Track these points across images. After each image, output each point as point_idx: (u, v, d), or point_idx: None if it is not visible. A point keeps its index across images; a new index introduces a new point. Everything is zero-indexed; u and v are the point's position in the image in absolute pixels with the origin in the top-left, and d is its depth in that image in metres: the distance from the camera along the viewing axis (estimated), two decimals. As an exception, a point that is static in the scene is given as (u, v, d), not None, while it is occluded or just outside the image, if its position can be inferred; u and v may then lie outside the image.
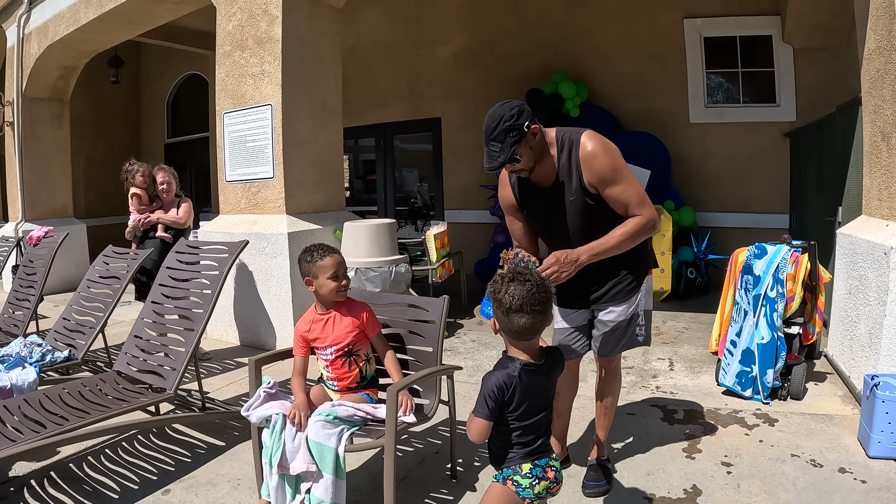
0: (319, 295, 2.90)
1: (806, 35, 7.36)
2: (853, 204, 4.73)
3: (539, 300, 1.94)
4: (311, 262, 2.86)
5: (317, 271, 2.85)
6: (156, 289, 4.27)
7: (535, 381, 2.01)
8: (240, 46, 5.83)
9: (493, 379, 1.97)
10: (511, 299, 1.94)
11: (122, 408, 3.25)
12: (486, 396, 1.95)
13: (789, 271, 3.91)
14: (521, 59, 8.80)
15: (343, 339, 2.87)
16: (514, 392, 1.96)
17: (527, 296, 1.93)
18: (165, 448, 3.54)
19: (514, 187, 2.82)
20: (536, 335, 2.01)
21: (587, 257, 2.53)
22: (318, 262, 2.84)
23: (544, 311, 1.97)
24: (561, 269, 2.47)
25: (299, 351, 2.93)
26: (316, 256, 2.86)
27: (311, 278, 2.87)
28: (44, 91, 9.27)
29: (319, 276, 2.85)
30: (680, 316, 6.41)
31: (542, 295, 1.96)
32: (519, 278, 1.98)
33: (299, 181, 5.73)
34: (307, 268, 2.87)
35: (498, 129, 2.47)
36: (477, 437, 1.98)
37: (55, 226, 8.78)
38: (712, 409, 3.85)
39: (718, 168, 7.92)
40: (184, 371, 3.61)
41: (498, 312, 2.00)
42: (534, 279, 1.98)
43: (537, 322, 1.96)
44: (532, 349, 2.02)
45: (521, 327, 1.96)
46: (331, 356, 2.88)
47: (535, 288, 1.95)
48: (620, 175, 2.57)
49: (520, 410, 1.98)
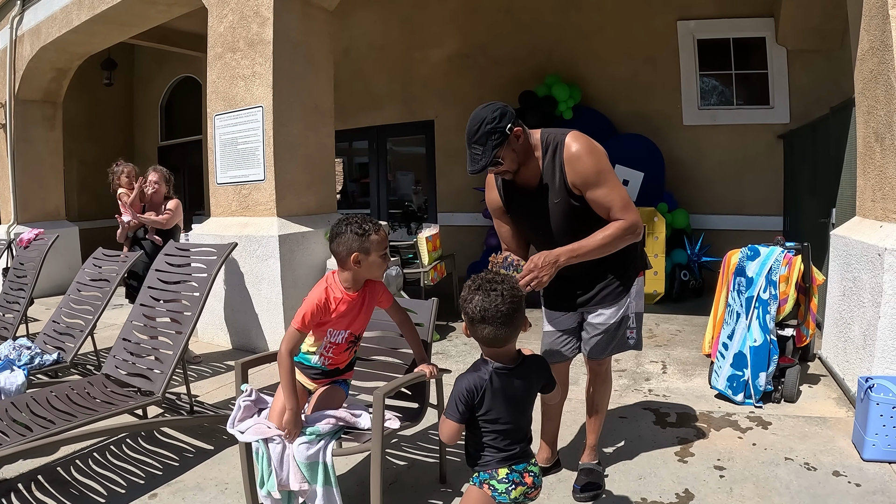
0: (360, 274, 2.57)
1: (799, 37, 7.35)
2: (847, 205, 4.72)
3: (503, 313, 1.93)
4: (364, 236, 2.50)
5: (370, 247, 2.52)
6: (144, 291, 4.22)
7: (508, 384, 2.00)
8: (231, 48, 5.80)
9: (463, 382, 1.98)
10: (475, 310, 1.95)
11: (110, 411, 3.22)
12: (457, 399, 1.96)
13: (782, 273, 3.88)
14: (515, 62, 8.78)
15: (363, 325, 2.73)
16: (485, 395, 1.96)
17: (490, 308, 1.93)
18: (154, 452, 3.51)
19: (500, 189, 2.80)
20: (505, 344, 2.00)
21: (566, 258, 2.49)
22: (373, 237, 2.52)
23: (509, 323, 1.95)
24: (540, 273, 2.43)
25: (307, 327, 2.54)
26: (370, 230, 2.52)
27: (360, 254, 2.50)
28: (36, 93, 9.23)
29: (372, 253, 2.53)
30: (673, 318, 6.38)
31: (509, 307, 1.94)
32: (486, 288, 1.96)
33: (290, 183, 5.69)
34: (359, 242, 2.50)
35: (480, 132, 2.45)
36: (448, 439, 2.00)
37: (47, 228, 8.72)
38: (705, 413, 3.82)
39: (712, 170, 7.91)
40: (171, 374, 3.56)
41: (466, 319, 2.01)
42: (501, 289, 1.95)
43: (501, 333, 1.95)
44: (505, 354, 2.03)
45: (486, 337, 1.97)
46: (341, 341, 2.67)
47: (500, 299, 1.93)
48: (604, 178, 2.53)
49: (492, 414, 1.98)
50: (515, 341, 2.04)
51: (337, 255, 2.55)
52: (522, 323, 2.02)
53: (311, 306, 2.52)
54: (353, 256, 2.50)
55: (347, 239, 2.50)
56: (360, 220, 2.53)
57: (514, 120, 2.48)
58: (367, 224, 2.53)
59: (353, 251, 2.50)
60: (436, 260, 6.33)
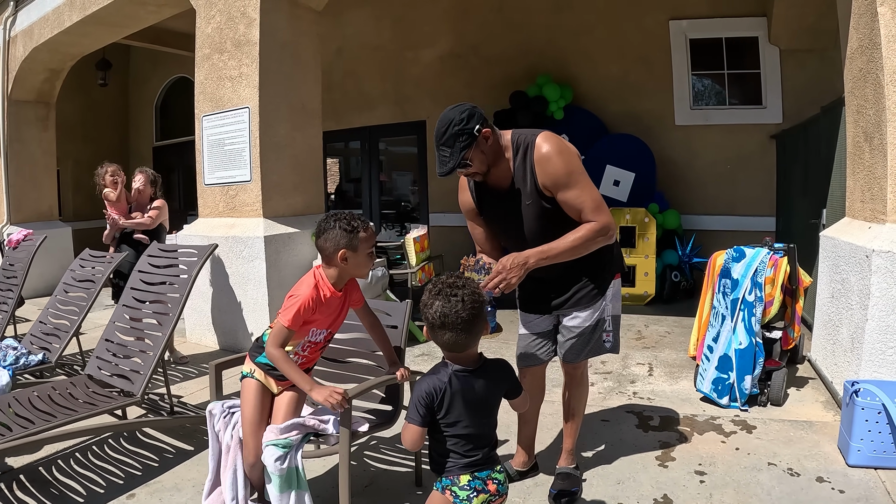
0: (346, 271, 2.51)
1: (792, 37, 7.31)
2: (837, 206, 4.67)
3: (463, 319, 1.89)
4: (353, 233, 2.43)
5: (358, 244, 2.45)
6: (127, 292, 4.23)
7: (468, 386, 1.97)
8: (218, 49, 5.76)
9: (423, 384, 1.96)
10: (435, 316, 1.92)
11: (89, 412, 3.21)
12: (417, 402, 1.94)
13: (768, 275, 3.84)
14: (507, 62, 8.74)
15: (340, 324, 2.68)
16: (444, 397, 1.94)
17: (449, 314, 1.90)
18: (134, 452, 3.50)
19: (473, 191, 2.76)
20: (465, 349, 1.97)
21: (535, 260, 2.44)
22: (361, 234, 2.45)
23: (469, 329, 1.92)
24: (508, 275, 2.40)
25: (297, 324, 2.44)
26: (359, 226, 2.45)
27: (348, 251, 2.43)
28: (30, 94, 9.20)
29: (360, 250, 2.46)
30: (663, 320, 6.34)
31: (469, 312, 1.90)
32: (446, 293, 1.93)
33: (277, 184, 5.66)
34: (347, 238, 2.42)
35: (447, 133, 2.42)
36: (411, 444, 1.97)
37: (41, 229, 8.73)
38: (689, 416, 3.77)
39: (704, 170, 7.87)
40: (150, 375, 3.55)
41: (426, 324, 1.98)
42: (462, 294, 1.92)
43: (461, 338, 1.93)
44: (466, 358, 2.00)
45: (446, 342, 1.94)
46: (320, 340, 2.62)
47: (461, 305, 1.90)
48: (575, 179, 2.48)
49: (452, 417, 1.95)
50: (477, 346, 2.01)
51: (323, 251, 2.48)
52: (484, 328, 2.00)
53: (302, 302, 2.44)
54: (341, 253, 2.44)
55: (335, 235, 2.43)
56: (349, 217, 2.47)
57: (482, 121, 2.45)
58: (355, 220, 2.46)
59: (340, 247, 2.43)
60: (423, 261, 6.29)
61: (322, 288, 2.50)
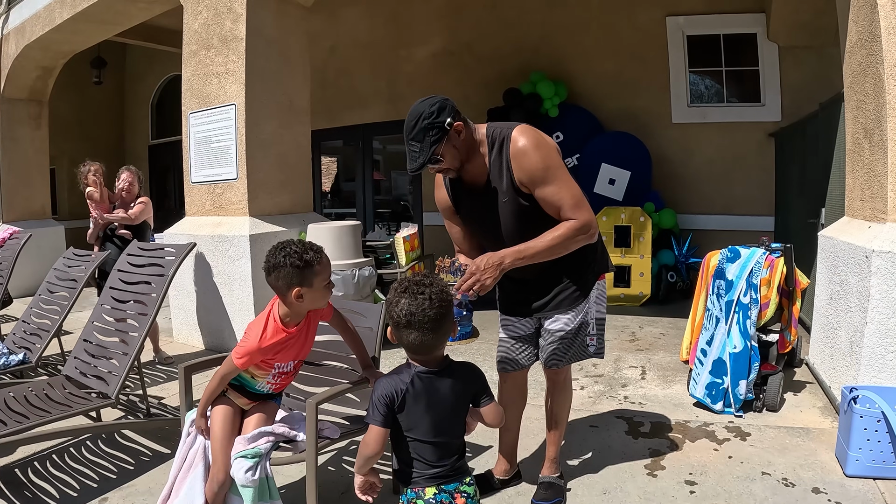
0: (301, 307, 2.30)
1: (791, 33, 7.20)
2: (836, 205, 4.57)
3: (430, 318, 1.82)
4: (305, 268, 2.22)
5: (312, 278, 2.24)
6: (106, 291, 4.17)
7: (431, 388, 1.89)
8: (205, 45, 5.66)
9: (382, 385, 1.89)
10: (400, 314, 1.84)
11: (63, 413, 3.14)
12: (376, 402, 1.87)
13: (764, 276, 3.70)
14: (500, 60, 8.63)
15: (309, 348, 2.52)
16: (405, 399, 1.86)
17: (416, 312, 1.82)
18: (111, 454, 3.44)
19: (448, 189, 2.64)
20: (432, 351, 1.90)
21: (511, 260, 2.32)
22: (315, 268, 2.24)
23: (437, 328, 1.84)
24: (482, 276, 2.27)
25: (246, 364, 2.33)
26: (312, 259, 2.23)
27: (302, 288, 2.22)
28: (22, 92, 9.11)
29: (315, 284, 2.26)
30: (658, 321, 6.21)
31: (436, 311, 1.83)
32: (412, 290, 1.85)
33: (263, 182, 5.55)
34: (300, 276, 2.21)
35: (417, 127, 2.29)
36: (372, 448, 1.88)
37: (33, 227, 8.71)
38: (681, 422, 3.64)
39: (701, 169, 7.76)
40: (125, 377, 3.48)
41: (391, 324, 1.90)
42: (429, 293, 1.84)
43: (428, 339, 1.85)
44: (431, 361, 1.93)
45: (412, 343, 1.85)
46: (290, 370, 2.49)
47: (428, 303, 1.82)
48: (553, 175, 2.35)
49: (414, 420, 1.87)
50: (443, 348, 1.93)
51: (276, 289, 2.28)
52: (452, 328, 1.91)
53: (247, 351, 2.30)
54: (295, 291, 2.23)
55: (287, 273, 2.21)
56: (299, 249, 2.23)
57: (453, 114, 2.32)
58: (307, 253, 2.24)
59: (293, 286, 2.23)
60: (413, 260, 6.17)
61: (270, 334, 2.32)
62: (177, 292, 5.82)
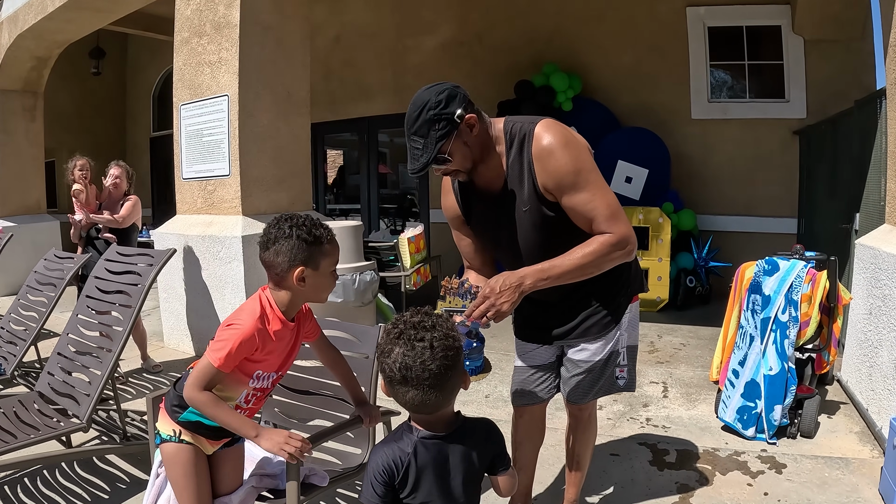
0: (303, 295, 1.94)
1: (817, 26, 6.86)
2: (873, 210, 4.27)
3: (431, 373, 1.43)
4: (315, 244, 1.88)
5: (321, 258, 1.90)
6: (82, 301, 3.83)
7: (440, 458, 1.52)
8: (197, 32, 5.34)
9: (379, 456, 1.51)
10: (393, 367, 1.45)
11: (31, 439, 2.85)
12: (372, 478, 1.49)
13: (805, 291, 3.35)
14: (512, 50, 8.30)
15: (291, 363, 2.10)
16: (408, 473, 1.49)
17: (414, 365, 1.43)
18: (86, 480, 3.20)
19: (458, 194, 2.26)
20: (437, 410, 1.51)
21: (533, 281, 1.94)
22: (325, 246, 1.90)
23: (441, 385, 1.45)
24: (498, 300, 1.90)
25: (229, 365, 1.85)
26: (323, 236, 1.89)
27: (308, 269, 1.87)
28: (16, 83, 8.83)
29: (322, 266, 1.91)
30: (677, 329, 5.87)
31: (439, 363, 1.44)
32: (409, 336, 1.45)
33: (258, 179, 5.22)
34: (307, 252, 1.87)
35: (420, 119, 1.91)
36: None
37: (27, 223, 8.63)
38: (710, 450, 3.31)
39: (722, 168, 7.41)
40: (97, 399, 3.14)
41: (383, 377, 1.52)
42: (431, 339, 1.44)
43: (430, 398, 1.45)
44: (437, 421, 1.54)
45: (410, 402, 1.48)
46: (268, 385, 2.03)
47: (429, 353, 1.43)
48: (585, 179, 1.96)
49: (420, 498, 1.50)
50: (452, 404, 1.55)
51: (272, 267, 1.89)
52: (462, 381, 1.54)
53: (242, 336, 1.83)
54: (298, 271, 1.86)
55: (292, 246, 1.85)
56: (309, 222, 1.89)
57: (465, 104, 1.94)
58: (317, 228, 1.89)
59: (297, 263, 1.86)
60: (419, 262, 5.86)
61: (270, 318, 1.91)
62: (167, 295, 5.52)
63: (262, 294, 1.95)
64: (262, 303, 1.92)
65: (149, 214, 12.27)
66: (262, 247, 1.90)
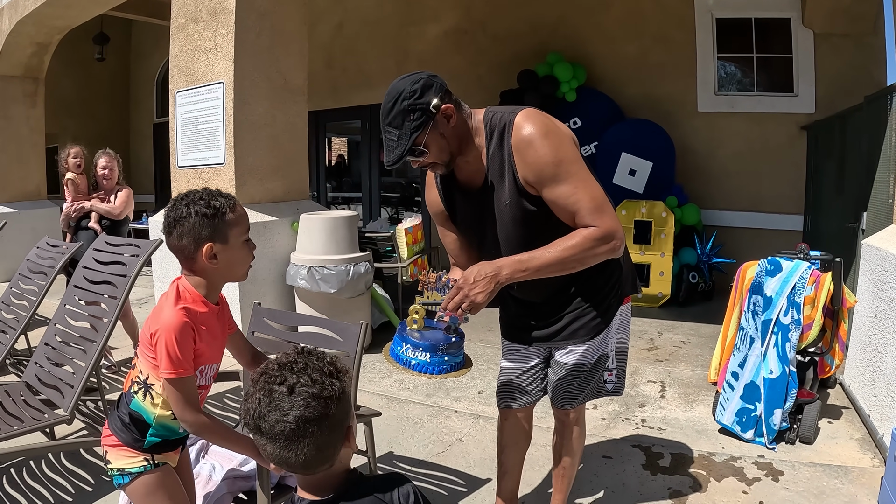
0: (218, 273, 1.80)
1: (828, 19, 6.70)
2: (881, 209, 4.16)
3: (288, 425, 1.17)
4: (217, 216, 1.74)
5: (227, 230, 1.76)
6: (70, 290, 3.77)
7: None
8: (194, 18, 5.23)
9: None
10: (247, 414, 1.22)
11: (15, 430, 2.81)
12: None
13: (808, 294, 3.24)
14: (516, 39, 8.16)
15: (222, 353, 1.93)
16: None
17: (266, 415, 1.18)
18: (72, 472, 3.18)
19: (440, 188, 2.17)
20: (308, 470, 1.25)
21: (510, 272, 1.84)
22: (229, 216, 1.76)
23: (301, 441, 1.18)
24: (472, 290, 1.82)
25: (187, 367, 1.71)
26: (223, 206, 1.76)
27: (217, 243, 1.74)
28: (17, 69, 8.75)
29: (231, 238, 1.77)
30: (678, 326, 5.77)
31: (298, 413, 1.17)
32: (269, 378, 1.22)
33: (253, 168, 5.13)
34: (209, 226, 1.73)
35: (394, 109, 1.82)
36: None
37: (27, 209, 8.58)
38: (705, 455, 3.22)
39: (727, 162, 7.27)
40: (80, 391, 3.09)
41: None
42: (295, 382, 1.19)
43: (292, 455, 1.19)
44: (320, 482, 1.28)
45: (270, 457, 1.23)
46: (209, 381, 1.89)
47: (287, 401, 1.18)
48: (566, 171, 1.86)
49: None
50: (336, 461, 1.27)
51: (180, 252, 1.76)
52: (343, 437, 1.26)
53: (171, 335, 1.68)
54: (206, 249, 1.73)
55: (193, 224, 1.71)
56: (207, 195, 1.76)
57: (442, 94, 1.85)
58: (216, 199, 1.76)
59: (202, 241, 1.73)
60: (416, 254, 5.78)
61: (191, 304, 1.76)
62: (161, 283, 5.46)
63: (178, 283, 1.80)
64: (178, 291, 1.78)
65: (151, 201, 12.22)
66: (165, 234, 1.77)
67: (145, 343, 1.75)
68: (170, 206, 1.77)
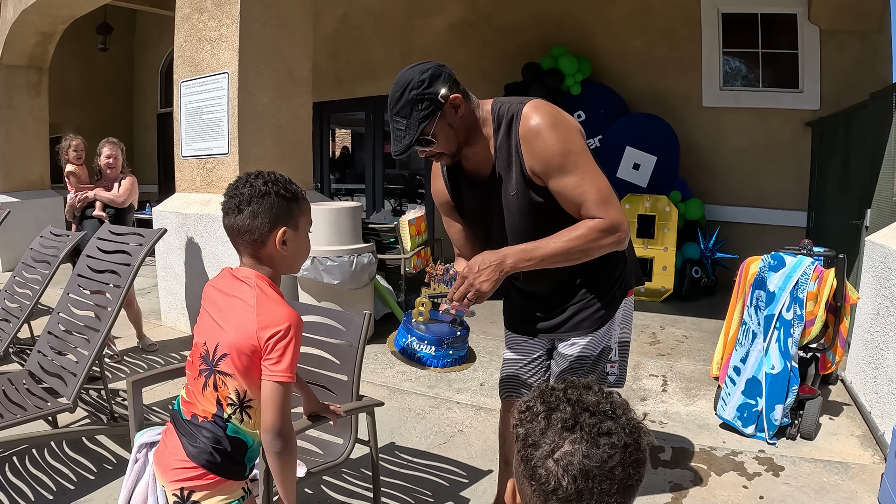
0: (283, 260, 1.67)
1: (834, 16, 6.67)
2: (885, 206, 4.16)
3: (619, 481, 0.89)
4: (294, 201, 1.64)
5: (300, 217, 1.66)
6: (73, 279, 3.80)
7: None
8: (198, 8, 5.24)
9: None
10: (560, 473, 0.88)
11: (18, 418, 2.83)
12: None
13: (811, 289, 3.24)
14: (521, 32, 8.14)
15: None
16: None
17: (594, 469, 0.89)
18: (74, 461, 3.18)
19: (447, 179, 2.17)
20: None
21: (514, 261, 1.85)
22: (303, 203, 1.68)
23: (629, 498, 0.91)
24: (477, 279, 1.82)
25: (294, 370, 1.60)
26: (299, 192, 1.66)
27: (290, 229, 1.62)
28: (21, 58, 8.76)
29: (301, 225, 1.67)
30: (681, 321, 5.78)
31: (631, 465, 0.91)
32: (586, 425, 0.90)
33: (257, 158, 5.13)
34: (286, 209, 1.61)
35: (402, 99, 1.82)
36: None
37: (31, 199, 8.61)
38: (707, 449, 3.23)
39: (731, 157, 7.25)
40: (83, 379, 3.12)
41: (534, 488, 0.95)
42: (617, 430, 0.90)
43: None
44: None
45: None
46: None
47: (620, 455, 0.89)
48: (574, 162, 1.86)
49: None
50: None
51: (248, 232, 1.60)
52: None
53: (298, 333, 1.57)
54: (280, 233, 1.60)
55: (272, 203, 1.58)
56: (282, 178, 1.65)
57: (450, 84, 1.85)
58: (291, 184, 1.66)
59: (278, 224, 1.60)
60: (419, 245, 5.78)
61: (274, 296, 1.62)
62: (165, 273, 5.48)
63: (253, 276, 1.64)
64: (268, 284, 1.63)
65: (154, 191, 12.23)
66: (232, 211, 1.61)
67: (244, 351, 1.56)
68: (242, 182, 1.63)
